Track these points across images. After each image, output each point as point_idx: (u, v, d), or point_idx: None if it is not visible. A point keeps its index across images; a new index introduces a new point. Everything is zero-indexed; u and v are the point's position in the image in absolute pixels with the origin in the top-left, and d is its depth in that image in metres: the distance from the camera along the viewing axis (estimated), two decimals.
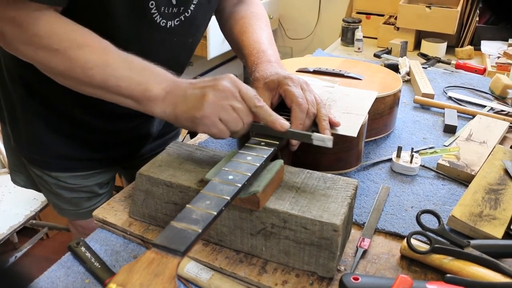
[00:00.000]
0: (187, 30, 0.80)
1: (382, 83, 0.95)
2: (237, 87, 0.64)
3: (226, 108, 0.62)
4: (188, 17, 0.77)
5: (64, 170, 0.92)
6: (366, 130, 0.81)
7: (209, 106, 0.61)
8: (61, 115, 0.85)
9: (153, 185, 0.65)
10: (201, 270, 0.61)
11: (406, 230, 0.69)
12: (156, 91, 0.64)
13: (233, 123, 0.63)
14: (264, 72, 0.76)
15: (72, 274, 0.63)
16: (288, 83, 0.72)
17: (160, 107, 0.65)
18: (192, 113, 0.62)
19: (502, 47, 1.58)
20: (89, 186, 0.96)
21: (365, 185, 0.80)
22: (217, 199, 0.50)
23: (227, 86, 0.63)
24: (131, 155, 0.98)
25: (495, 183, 0.76)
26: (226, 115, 0.62)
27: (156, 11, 0.72)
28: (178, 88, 0.65)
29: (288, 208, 0.57)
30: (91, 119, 0.86)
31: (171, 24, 0.75)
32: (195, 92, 0.63)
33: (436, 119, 1.07)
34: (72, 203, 0.98)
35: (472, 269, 0.59)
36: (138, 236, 0.68)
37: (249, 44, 0.84)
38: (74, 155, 0.91)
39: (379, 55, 1.60)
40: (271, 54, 0.82)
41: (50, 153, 0.89)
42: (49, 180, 0.94)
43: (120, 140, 0.93)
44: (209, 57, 2.19)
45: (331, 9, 2.68)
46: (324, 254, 0.57)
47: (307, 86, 0.73)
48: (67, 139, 0.88)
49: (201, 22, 0.83)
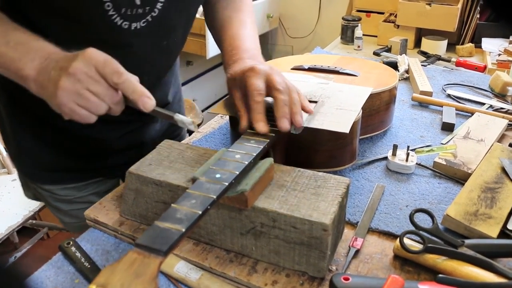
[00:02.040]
0: (157, 31, 0.74)
1: (378, 79, 0.94)
2: (92, 65, 0.56)
3: (82, 93, 0.56)
4: (156, 17, 0.71)
5: (54, 183, 0.89)
6: (361, 126, 0.80)
7: (63, 94, 0.56)
8: (44, 124, 0.82)
9: (143, 184, 0.65)
10: (190, 270, 0.60)
11: (400, 229, 0.68)
12: (28, 70, 0.59)
13: (94, 107, 0.57)
14: (233, 70, 0.72)
15: (62, 274, 0.63)
16: (248, 76, 0.67)
17: (34, 87, 0.60)
18: (51, 100, 0.58)
19: (503, 44, 1.57)
20: (84, 196, 0.92)
21: (359, 184, 0.79)
22: (203, 198, 0.49)
23: (79, 68, 0.55)
24: (128, 163, 0.93)
25: (491, 182, 0.75)
26: (83, 100, 0.56)
27: (115, 12, 0.67)
28: (47, 67, 0.58)
29: (277, 207, 0.56)
30: (76, 127, 0.79)
31: (136, 26, 0.70)
32: (54, 76, 0.57)
33: (434, 117, 1.06)
34: (72, 215, 0.94)
35: (465, 269, 0.58)
36: (129, 236, 0.67)
37: (226, 40, 0.81)
38: (60, 166, 0.87)
39: (379, 53, 1.59)
40: (245, 50, 0.77)
41: (39, 165, 0.87)
42: (44, 193, 0.91)
43: (110, 149, 0.89)
44: (208, 56, 2.18)
45: (332, 8, 2.66)
46: (315, 253, 0.56)
47: (276, 73, 0.68)
48: (52, 148, 0.85)
49: (177, 22, 0.77)
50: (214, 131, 0.98)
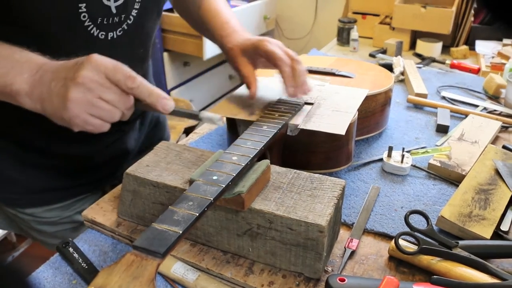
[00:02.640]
0: (133, 39, 0.73)
1: (373, 81, 0.95)
2: (102, 73, 0.54)
3: (94, 102, 0.54)
4: (131, 25, 0.71)
5: (37, 205, 0.85)
6: (356, 128, 0.81)
7: (74, 105, 0.53)
8: (25, 146, 0.79)
9: (140, 185, 0.65)
10: (187, 270, 0.61)
11: (395, 230, 0.69)
12: (18, 85, 0.56)
13: (108, 115, 0.55)
14: (236, 40, 0.78)
15: (59, 274, 0.63)
16: (266, 44, 0.73)
17: (28, 102, 0.57)
18: (59, 114, 0.55)
19: (497, 47, 1.58)
20: (69, 216, 0.88)
21: (355, 185, 0.80)
22: (200, 200, 0.50)
23: (89, 77, 0.53)
24: (112, 174, 0.90)
25: (485, 183, 0.76)
26: (96, 110, 0.54)
27: (91, 23, 0.65)
28: (43, 78, 0.56)
29: (274, 208, 0.57)
30: (53, 145, 0.79)
31: (112, 35, 0.69)
32: (59, 87, 0.54)
33: (429, 119, 1.07)
34: (58, 236, 0.89)
35: (459, 270, 0.59)
36: (127, 237, 0.67)
37: (209, 18, 0.84)
38: (44, 187, 0.83)
39: (374, 54, 1.60)
40: (235, 24, 0.83)
41: (19, 189, 0.82)
42: (25, 217, 0.86)
43: (94, 163, 0.86)
44: (205, 57, 2.19)
45: (328, 9, 2.68)
46: (310, 255, 0.57)
47: (282, 45, 0.76)
48: (33, 170, 0.81)
49: (151, 26, 0.77)
50: (211, 132, 0.99)
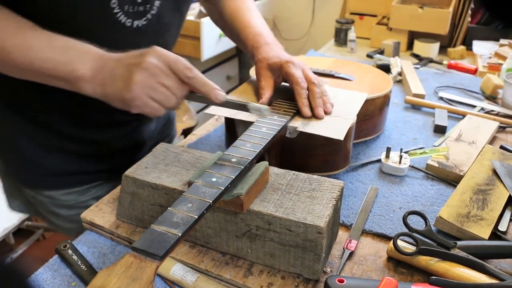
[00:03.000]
0: (156, 30, 0.78)
1: (372, 84, 0.95)
2: (165, 61, 0.61)
3: (155, 86, 0.60)
4: (154, 15, 0.75)
5: (57, 188, 0.89)
6: (355, 131, 0.81)
7: (137, 87, 0.59)
8: (48, 129, 0.83)
9: (139, 187, 0.65)
10: (187, 272, 0.61)
11: (394, 231, 0.69)
12: (82, 70, 0.62)
13: (166, 100, 0.61)
14: (266, 54, 0.82)
15: (58, 277, 0.63)
16: (289, 66, 0.78)
17: (89, 86, 0.63)
18: (121, 94, 0.61)
19: (494, 47, 1.59)
20: (85, 201, 0.92)
21: (353, 186, 0.80)
22: (199, 202, 0.50)
23: (154, 63, 0.60)
24: (128, 164, 0.94)
25: (483, 184, 0.76)
26: (156, 93, 0.60)
27: (120, 10, 0.70)
28: (106, 66, 0.62)
29: (273, 210, 0.57)
30: (78, 130, 0.84)
31: (138, 24, 0.74)
32: (122, 72, 0.61)
33: (426, 119, 1.07)
34: (73, 220, 0.92)
35: (458, 270, 0.59)
36: (125, 238, 0.68)
37: (243, 29, 0.88)
38: (65, 170, 0.88)
39: (372, 55, 1.60)
40: (267, 36, 0.87)
41: (41, 171, 0.87)
42: (44, 200, 0.90)
43: (112, 150, 0.91)
44: (202, 58, 2.19)
45: (325, 10, 2.68)
46: (309, 256, 0.57)
47: (307, 68, 0.80)
48: (57, 154, 0.86)
49: (171, 20, 0.81)
50: (210, 134, 0.99)
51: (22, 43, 0.63)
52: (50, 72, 0.63)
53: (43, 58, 0.63)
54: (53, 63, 0.63)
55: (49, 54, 0.63)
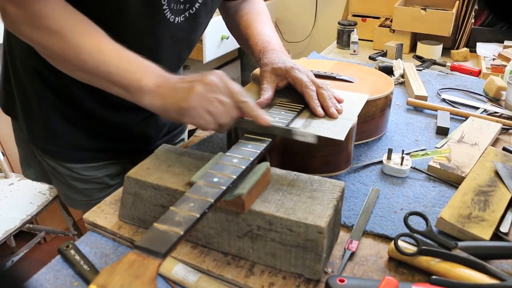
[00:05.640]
0: (191, 26, 0.84)
1: (373, 85, 0.95)
2: (224, 82, 0.66)
3: (213, 100, 0.64)
4: (192, 14, 0.81)
5: (78, 161, 0.95)
6: (356, 132, 0.81)
7: (196, 98, 0.64)
8: (76, 107, 0.88)
9: (141, 188, 0.65)
10: (188, 272, 0.61)
11: (395, 232, 0.69)
12: (147, 83, 0.66)
13: (219, 115, 0.65)
14: (272, 58, 0.84)
15: (61, 277, 0.64)
16: (296, 72, 0.80)
17: (148, 98, 0.67)
18: (179, 104, 0.64)
19: (497, 49, 1.59)
20: (100, 177, 0.99)
21: (355, 187, 0.80)
22: (201, 202, 0.50)
23: (214, 80, 0.65)
24: (139, 150, 1.00)
25: (485, 185, 0.76)
26: (212, 107, 0.64)
27: (167, 7, 0.76)
28: (168, 82, 0.67)
29: (274, 210, 0.57)
30: (103, 111, 0.89)
31: (178, 20, 0.80)
32: (184, 85, 0.65)
33: (428, 121, 1.07)
34: (84, 194, 1.01)
35: (459, 270, 0.59)
36: (128, 239, 0.68)
37: (254, 35, 0.92)
38: (88, 146, 0.94)
39: (374, 57, 1.60)
40: (275, 43, 0.90)
41: (65, 144, 0.92)
42: (63, 171, 0.96)
43: (130, 133, 0.96)
44: (205, 60, 2.20)
45: (328, 12, 2.68)
46: (310, 256, 0.57)
47: (311, 74, 0.82)
48: (81, 130, 0.91)
49: (204, 20, 0.88)
50: (211, 135, 0.99)
51: (94, 46, 0.66)
52: (114, 79, 0.67)
53: (110, 63, 0.67)
54: (119, 70, 0.67)
55: (117, 61, 0.67)
